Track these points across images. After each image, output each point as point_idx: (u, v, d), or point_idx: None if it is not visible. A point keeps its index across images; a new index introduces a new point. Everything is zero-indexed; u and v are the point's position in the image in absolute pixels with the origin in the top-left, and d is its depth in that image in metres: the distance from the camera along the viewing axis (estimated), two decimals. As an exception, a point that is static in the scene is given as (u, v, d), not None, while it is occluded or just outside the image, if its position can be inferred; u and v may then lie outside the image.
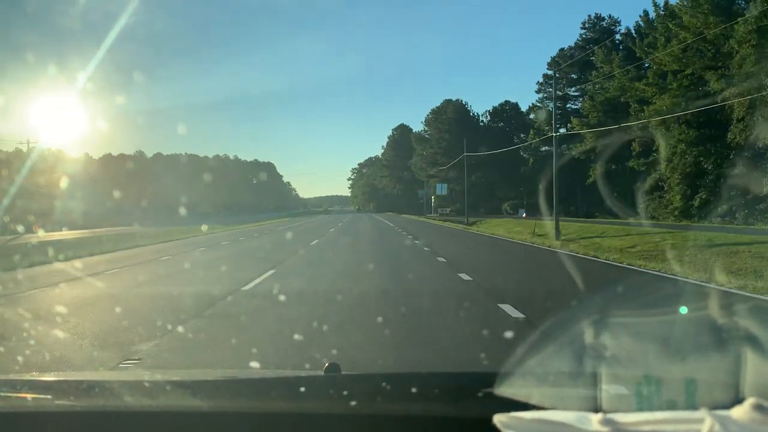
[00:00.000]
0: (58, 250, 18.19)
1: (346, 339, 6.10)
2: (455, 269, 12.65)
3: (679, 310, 5.92)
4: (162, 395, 1.49)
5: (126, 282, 12.01)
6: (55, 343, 6.22)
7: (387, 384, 1.44)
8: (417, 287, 10.54)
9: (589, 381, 1.39)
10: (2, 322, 7.63)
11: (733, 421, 0.77)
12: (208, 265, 15.59)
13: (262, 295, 9.38)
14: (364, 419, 1.35)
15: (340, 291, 9.54)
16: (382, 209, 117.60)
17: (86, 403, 1.48)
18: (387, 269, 13.59)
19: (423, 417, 1.34)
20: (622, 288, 9.78)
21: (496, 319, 7.02)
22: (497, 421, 0.97)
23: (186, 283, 12.06)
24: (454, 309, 7.88)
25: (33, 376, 2.30)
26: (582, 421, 0.88)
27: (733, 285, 9.45)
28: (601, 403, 1.21)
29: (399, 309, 7.76)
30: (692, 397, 1.18)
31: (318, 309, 7.99)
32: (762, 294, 8.56)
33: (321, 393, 1.49)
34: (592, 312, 5.99)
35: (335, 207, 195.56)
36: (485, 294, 9.39)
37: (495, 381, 1.32)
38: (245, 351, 5.71)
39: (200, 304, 8.21)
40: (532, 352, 4.87)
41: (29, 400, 1.51)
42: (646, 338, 3.43)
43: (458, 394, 1.43)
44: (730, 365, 1.50)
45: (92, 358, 5.62)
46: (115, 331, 6.73)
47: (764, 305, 7.95)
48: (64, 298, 9.78)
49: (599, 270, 13.09)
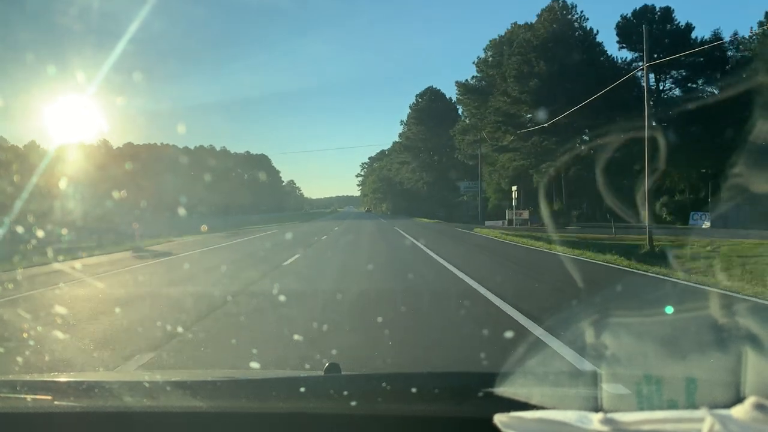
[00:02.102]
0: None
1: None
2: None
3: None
4: (162, 396, 1.49)
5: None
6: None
7: (387, 384, 1.44)
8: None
9: (590, 380, 1.39)
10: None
11: (734, 420, 0.77)
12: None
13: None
14: (364, 419, 1.35)
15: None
16: (400, 210, 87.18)
17: (86, 403, 1.48)
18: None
19: (423, 417, 1.34)
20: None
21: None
22: (498, 421, 0.97)
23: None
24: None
25: (33, 377, 2.30)
26: (583, 421, 0.88)
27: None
28: (602, 403, 1.21)
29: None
30: (692, 396, 1.18)
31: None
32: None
33: (321, 393, 1.49)
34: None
35: (348, 207, 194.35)
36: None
37: (495, 381, 1.32)
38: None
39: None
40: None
41: (29, 400, 1.51)
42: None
43: (458, 394, 1.43)
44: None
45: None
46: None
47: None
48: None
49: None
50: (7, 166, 30.26)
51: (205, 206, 51.65)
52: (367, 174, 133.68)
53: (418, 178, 77.14)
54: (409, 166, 78.90)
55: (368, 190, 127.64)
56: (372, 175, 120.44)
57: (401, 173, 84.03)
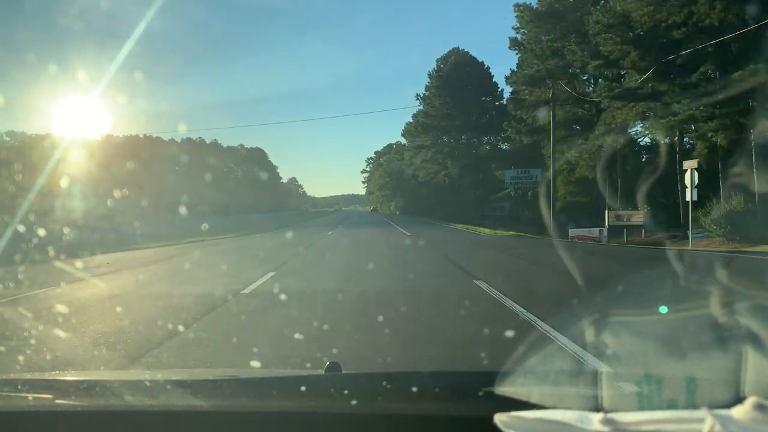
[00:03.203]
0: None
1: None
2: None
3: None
4: (163, 395, 1.49)
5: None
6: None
7: (388, 383, 1.44)
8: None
9: (590, 380, 1.39)
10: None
11: (734, 420, 0.77)
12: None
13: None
14: (365, 418, 1.35)
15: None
16: (412, 210, 71.67)
17: (87, 402, 1.48)
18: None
19: (424, 416, 1.34)
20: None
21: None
22: (498, 421, 0.97)
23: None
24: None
25: (34, 376, 2.30)
26: (583, 421, 0.88)
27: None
28: (602, 403, 1.21)
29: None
30: (693, 396, 1.18)
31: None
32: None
33: (322, 392, 1.49)
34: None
35: (353, 206, 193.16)
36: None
37: (495, 380, 1.32)
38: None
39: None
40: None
41: (30, 399, 1.51)
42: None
43: (459, 394, 1.43)
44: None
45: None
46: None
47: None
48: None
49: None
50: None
51: (181, 202, 42.21)
52: (372, 169, 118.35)
53: (439, 168, 58.37)
54: (427, 153, 58.78)
55: (374, 187, 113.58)
56: (378, 170, 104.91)
57: (415, 163, 63.97)
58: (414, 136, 61.85)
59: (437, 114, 54.68)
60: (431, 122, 55.75)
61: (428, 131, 56.90)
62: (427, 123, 56.46)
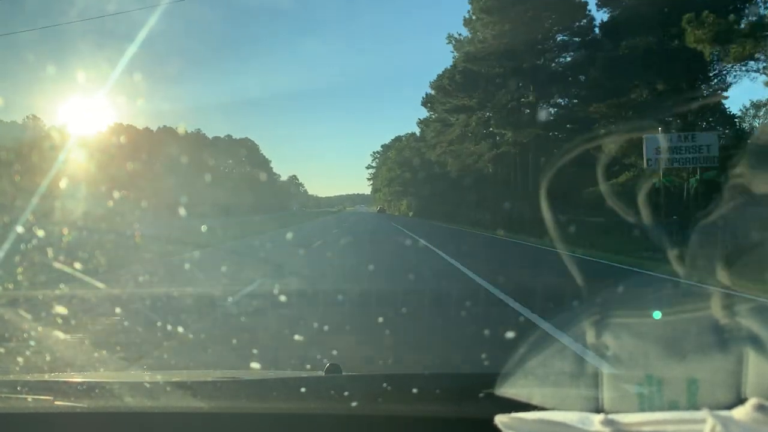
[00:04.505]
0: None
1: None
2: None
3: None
4: (162, 396, 1.49)
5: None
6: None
7: (388, 385, 1.44)
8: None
9: (591, 381, 1.39)
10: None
11: (735, 421, 0.77)
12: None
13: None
14: (365, 420, 1.35)
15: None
16: (428, 212, 53.24)
17: (87, 403, 1.48)
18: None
19: (424, 418, 1.34)
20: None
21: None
22: (499, 422, 0.97)
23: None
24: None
25: (33, 377, 2.30)
26: (584, 422, 0.88)
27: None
28: (603, 404, 1.21)
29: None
30: (694, 397, 1.18)
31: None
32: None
33: (322, 393, 1.49)
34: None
35: (359, 206, 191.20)
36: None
37: (496, 381, 1.31)
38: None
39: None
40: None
41: (30, 401, 1.51)
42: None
43: (459, 395, 1.43)
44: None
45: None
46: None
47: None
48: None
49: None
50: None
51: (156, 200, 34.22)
52: (379, 164, 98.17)
53: (483, 149, 36.26)
54: (469, 120, 35.91)
55: (381, 184, 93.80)
56: (386, 164, 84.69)
57: (442, 143, 40.69)
58: (446, 96, 35.96)
59: (490, 51, 31.21)
60: (478, 68, 31.75)
61: (473, 84, 32.38)
62: (471, 71, 32.05)
